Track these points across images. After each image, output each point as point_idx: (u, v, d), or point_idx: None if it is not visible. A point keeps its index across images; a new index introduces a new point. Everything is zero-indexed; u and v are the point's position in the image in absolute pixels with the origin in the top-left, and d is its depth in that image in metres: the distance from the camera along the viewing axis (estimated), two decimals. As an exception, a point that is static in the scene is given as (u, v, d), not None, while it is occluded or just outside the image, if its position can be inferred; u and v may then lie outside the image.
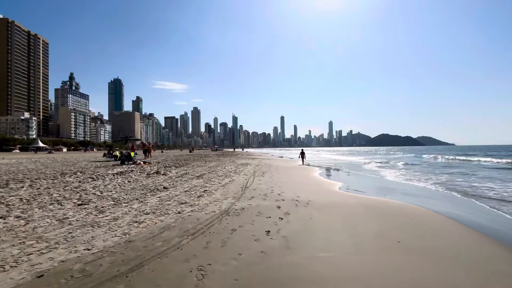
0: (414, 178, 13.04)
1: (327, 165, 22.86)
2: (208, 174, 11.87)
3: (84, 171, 11.39)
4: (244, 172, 13.74)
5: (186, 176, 11.09)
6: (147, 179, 9.58)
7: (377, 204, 6.69)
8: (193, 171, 13.02)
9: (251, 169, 15.72)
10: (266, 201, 6.52)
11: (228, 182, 9.59)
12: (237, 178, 10.86)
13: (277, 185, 9.48)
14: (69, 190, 7.21)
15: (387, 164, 24.38)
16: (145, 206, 5.74)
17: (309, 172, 15.75)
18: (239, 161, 23.77)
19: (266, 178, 11.53)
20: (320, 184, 10.35)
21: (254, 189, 8.35)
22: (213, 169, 14.81)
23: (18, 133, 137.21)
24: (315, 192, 8.24)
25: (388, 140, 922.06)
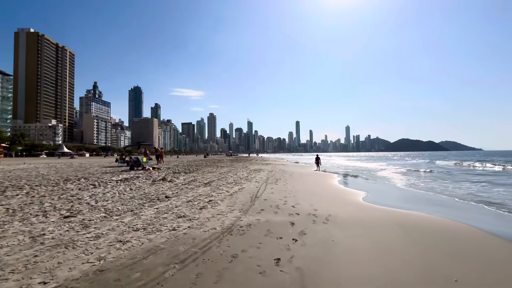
0: (440, 187, 11.54)
1: (344, 172, 21.46)
2: (217, 181, 11.10)
3: (90, 177, 11.01)
4: (256, 179, 12.85)
5: (194, 183, 10.37)
6: (150, 187, 8.95)
7: (414, 221, 5.55)
8: (202, 178, 12.31)
9: (263, 175, 14.80)
10: (278, 216, 5.58)
11: (237, 191, 8.73)
12: (248, 186, 9.99)
13: (291, 194, 8.50)
14: (64, 199, 6.66)
15: (406, 170, 22.52)
16: (138, 219, 5.00)
17: (326, 179, 14.58)
18: (252, 166, 22.93)
19: (279, 186, 10.57)
20: (340, 194, 9.24)
21: (265, 199, 7.43)
22: (224, 175, 14.05)
23: (45, 139, 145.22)
24: (335, 204, 7.18)
25: (409, 145, 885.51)
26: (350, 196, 8.73)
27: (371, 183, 13.45)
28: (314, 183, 12.47)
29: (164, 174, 12.69)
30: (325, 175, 17.60)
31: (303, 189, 9.85)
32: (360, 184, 12.94)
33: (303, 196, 8.19)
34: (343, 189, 10.75)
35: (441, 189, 11.16)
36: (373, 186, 12.43)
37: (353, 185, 12.05)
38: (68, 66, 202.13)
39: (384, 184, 13.07)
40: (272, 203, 6.85)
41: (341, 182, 13.37)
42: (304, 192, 9.10)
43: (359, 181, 14.59)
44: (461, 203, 8.07)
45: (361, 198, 8.48)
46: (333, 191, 10.05)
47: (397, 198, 9.04)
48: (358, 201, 7.97)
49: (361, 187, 11.36)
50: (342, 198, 8.37)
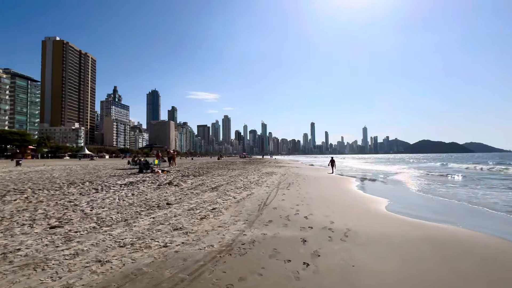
0: (467, 193, 10.22)
1: (362, 175, 20.21)
2: (225, 186, 10.49)
3: (95, 180, 10.77)
4: (267, 183, 12.13)
5: (200, 187, 9.83)
6: (154, 192, 8.48)
7: (450, 237, 4.62)
8: (211, 181, 11.76)
9: (275, 179, 14.05)
10: (288, 229, 4.85)
11: (245, 197, 8.06)
12: (257, 192, 9.29)
13: (304, 202, 7.71)
14: (60, 205, 6.29)
15: (426, 173, 20.82)
16: (129, 231, 4.45)
17: (343, 183, 13.58)
18: (264, 169, 22.21)
19: (291, 191, 9.79)
20: (358, 202, 8.32)
21: (274, 207, 6.71)
22: (234, 178, 13.44)
23: (69, 142, 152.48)
24: (354, 215, 6.32)
25: (430, 146, 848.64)
26: (370, 204, 7.80)
27: (392, 188, 12.30)
28: (330, 188, 11.56)
29: (172, 178, 12.28)
30: (342, 179, 16.55)
31: (317, 196, 9.01)
32: (379, 190, 11.86)
33: (317, 204, 7.38)
34: (361, 195, 9.78)
35: (468, 196, 9.88)
36: (394, 191, 11.32)
37: (373, 191, 11.02)
38: (90, 71, 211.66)
39: (406, 189, 11.90)
40: (282, 213, 6.12)
41: (359, 187, 12.34)
42: (319, 199, 8.27)
43: (378, 186, 13.46)
44: (499, 215, 6.91)
45: (384, 207, 7.54)
46: (351, 198, 9.13)
47: (424, 206, 7.98)
48: (380, 210, 7.05)
49: (382, 193, 10.32)
50: (362, 206, 7.47)
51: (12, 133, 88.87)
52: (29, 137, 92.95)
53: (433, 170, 26.19)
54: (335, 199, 8.63)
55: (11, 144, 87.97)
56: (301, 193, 9.48)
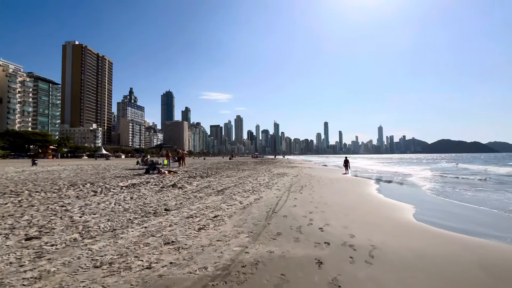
0: (499, 199, 8.92)
1: (378, 176, 18.93)
2: (233, 188, 9.78)
3: (98, 181, 10.37)
4: (278, 185, 11.32)
5: (206, 190, 9.17)
6: (155, 195, 7.89)
7: (500, 256, 3.66)
8: (218, 183, 11.10)
9: (287, 181, 13.20)
10: (299, 245, 4.04)
11: (253, 202, 7.31)
12: (266, 195, 8.51)
13: (318, 208, 6.86)
14: (50, 210, 5.80)
15: (448, 176, 19.14)
16: (113, 245, 3.81)
17: (360, 186, 12.53)
18: (276, 170, 21.37)
19: (304, 195, 8.94)
20: (380, 208, 7.35)
21: (284, 215, 5.91)
22: (243, 180, 12.73)
23: (87, 142, 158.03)
24: (379, 225, 5.42)
25: (450, 146, 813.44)
26: (394, 212, 6.83)
27: (414, 192, 11.10)
28: (346, 191, 10.59)
29: (178, 179, 11.72)
30: (358, 181, 15.44)
31: (333, 201, 8.11)
32: (401, 194, 10.72)
33: (333, 212, 6.50)
34: (382, 200, 8.77)
35: (502, 202, 8.61)
36: (418, 196, 10.16)
37: (393, 195, 9.94)
38: (107, 74, 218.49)
39: (430, 193, 10.70)
40: (293, 223, 5.31)
41: (378, 190, 11.25)
42: (335, 205, 7.38)
43: (398, 189, 12.30)
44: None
45: (411, 215, 6.55)
46: (371, 203, 8.16)
47: (457, 215, 6.89)
48: (408, 220, 6.08)
49: (404, 198, 9.24)
50: (385, 214, 6.52)
51: (34, 133, 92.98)
52: (50, 138, 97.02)
53: (453, 172, 24.34)
54: (354, 204, 7.70)
55: (34, 144, 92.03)
56: (315, 197, 8.61)
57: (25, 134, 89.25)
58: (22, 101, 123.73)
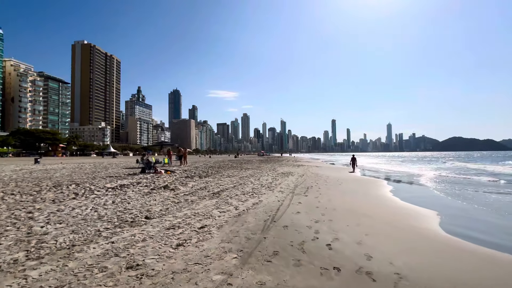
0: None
1: (386, 175, 17.71)
2: (231, 190, 8.88)
3: (85, 182, 9.62)
4: (281, 186, 10.36)
5: (200, 192, 8.29)
6: (141, 199, 7.06)
7: None
8: (216, 184, 10.22)
9: (292, 181, 12.22)
10: (300, 272, 3.09)
11: (250, 207, 6.39)
12: (267, 199, 7.57)
13: (326, 215, 5.88)
14: (13, 218, 5.00)
15: (461, 177, 17.71)
16: (58, 272, 2.94)
17: (372, 187, 11.45)
18: (281, 169, 20.38)
19: (309, 198, 7.96)
20: (398, 215, 6.31)
21: (285, 226, 4.96)
22: (244, 180, 11.82)
23: (96, 140, 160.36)
24: (400, 239, 4.41)
25: (462, 144, 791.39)
26: (418, 221, 5.79)
27: (434, 196, 9.91)
28: (357, 193, 9.54)
29: (173, 179, 10.89)
30: (368, 181, 14.33)
31: (342, 205, 7.11)
32: (420, 197, 9.56)
33: (343, 220, 5.51)
34: (400, 205, 7.70)
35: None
36: (439, 200, 9.00)
37: (412, 198, 8.83)
38: (115, 73, 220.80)
39: (451, 197, 9.53)
40: (294, 236, 4.35)
41: (393, 192, 10.16)
42: (345, 211, 6.38)
43: (416, 191, 11.13)
44: None
45: (437, 225, 5.51)
46: (386, 209, 7.12)
47: (490, 225, 5.79)
48: (435, 232, 5.04)
49: (425, 202, 8.13)
50: (407, 224, 5.49)
51: (44, 132, 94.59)
52: (59, 136, 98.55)
53: (468, 172, 22.80)
54: (366, 210, 6.68)
55: (44, 142, 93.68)
56: (322, 201, 7.62)
57: (36, 132, 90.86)
58: (33, 100, 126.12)
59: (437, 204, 7.98)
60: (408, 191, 10.91)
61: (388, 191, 10.36)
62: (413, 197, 9.19)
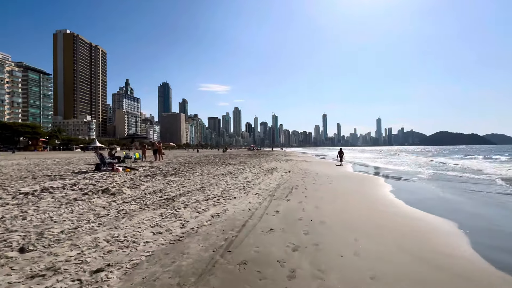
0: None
1: (375, 170, 16.19)
2: (193, 194, 6.95)
3: (11, 184, 7.49)
4: (261, 186, 8.51)
5: (150, 198, 6.34)
6: (56, 209, 5.04)
7: None
8: (179, 185, 8.26)
9: (275, 180, 10.39)
10: None
11: (205, 223, 4.50)
12: (235, 207, 5.70)
13: (310, 234, 4.07)
14: None
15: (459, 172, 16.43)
16: None
17: (368, 186, 9.74)
18: (267, 164, 18.56)
19: (292, 204, 6.14)
20: (415, 232, 4.56)
21: (243, 262, 3.09)
22: (217, 179, 9.91)
23: (81, 134, 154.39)
24: (427, 283, 2.64)
25: (448, 138, 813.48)
26: (441, 240, 4.04)
27: (443, 197, 8.25)
28: (351, 195, 7.79)
29: (127, 179, 8.83)
30: (363, 178, 12.67)
31: (334, 216, 5.31)
32: (427, 199, 7.86)
33: (336, 245, 3.70)
34: (408, 212, 5.96)
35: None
36: (452, 204, 7.32)
37: (419, 202, 7.15)
38: (100, 64, 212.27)
39: (465, 198, 7.93)
40: (257, 283, 2.51)
41: (394, 193, 8.46)
42: (338, 227, 4.58)
43: (420, 191, 9.43)
44: None
45: (470, 247, 3.79)
46: (394, 219, 5.37)
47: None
48: (473, 264, 3.30)
49: (436, 207, 6.46)
50: (430, 248, 3.72)
51: (23, 125, 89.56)
52: (40, 130, 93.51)
53: (458, 169, 21.62)
54: (366, 223, 4.90)
55: (23, 136, 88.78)
56: (307, 208, 5.81)
57: (13, 126, 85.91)
58: (11, 92, 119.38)
59: (451, 210, 6.30)
60: (410, 191, 9.22)
61: (388, 192, 8.67)
62: (419, 200, 7.51)
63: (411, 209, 6.27)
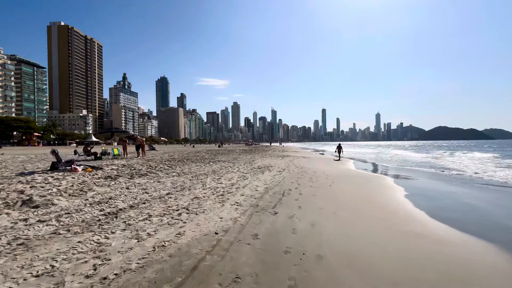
0: None
1: (383, 167, 14.55)
2: (151, 204, 5.29)
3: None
4: (244, 191, 6.84)
5: (87, 210, 4.66)
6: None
7: None
8: (140, 191, 6.58)
9: (265, 181, 8.70)
10: None
11: (134, 264, 2.84)
12: (196, 229, 4.02)
13: (303, 278, 2.43)
14: None
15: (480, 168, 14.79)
16: None
17: (377, 190, 8.05)
18: (260, 161, 16.88)
19: (279, 221, 4.47)
20: (455, 265, 2.93)
21: None
22: (194, 182, 8.22)
23: (77, 129, 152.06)
24: None
25: (446, 133, 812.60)
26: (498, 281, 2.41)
27: (468, 204, 6.65)
28: (358, 204, 6.12)
29: (79, 182, 7.12)
30: (368, 178, 11.00)
31: (337, 242, 3.65)
32: (454, 212, 6.22)
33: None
34: (438, 231, 4.31)
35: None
36: (480, 214, 5.70)
37: (446, 213, 5.51)
38: (96, 57, 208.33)
39: (500, 209, 6.30)
40: None
41: (411, 200, 6.81)
42: (343, 260, 2.92)
43: (438, 196, 7.74)
44: None
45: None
46: (425, 248, 3.72)
47: None
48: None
49: (467, 223, 4.84)
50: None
51: (16, 119, 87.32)
52: (33, 124, 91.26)
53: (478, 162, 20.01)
54: (386, 259, 3.25)
55: (16, 131, 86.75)
56: (300, 227, 4.15)
57: (6, 120, 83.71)
58: (3, 86, 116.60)
59: (489, 228, 4.66)
60: (429, 197, 7.50)
61: (402, 197, 7.01)
62: (442, 209, 5.85)
63: (439, 226, 4.61)
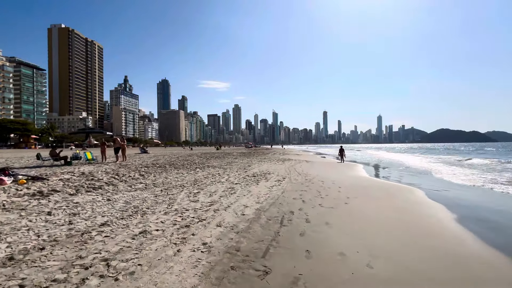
0: None
1: (398, 172, 12.33)
2: (53, 252, 3.18)
3: None
4: (225, 217, 4.70)
5: None
6: None
7: None
8: (61, 219, 4.48)
9: (257, 195, 6.54)
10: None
11: None
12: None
13: None
14: None
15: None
16: None
17: (414, 209, 5.88)
18: (257, 166, 14.70)
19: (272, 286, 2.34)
20: None
21: None
22: (163, 198, 6.09)
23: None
24: None
25: (448, 135, 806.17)
26: None
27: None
28: (395, 238, 3.97)
29: (9, 196, 5.02)
30: (391, 190, 8.75)
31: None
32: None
33: None
34: None
35: None
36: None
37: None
38: (97, 60, 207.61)
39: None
40: None
41: (462, 223, 4.66)
42: None
43: (499, 222, 5.60)
44: None
45: None
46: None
47: None
48: None
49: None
50: None
51: (13, 122, 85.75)
52: (31, 126, 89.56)
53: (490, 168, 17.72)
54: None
55: (13, 133, 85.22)
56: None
57: (2, 122, 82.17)
58: (2, 88, 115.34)
59: None
60: (489, 223, 5.32)
61: (452, 222, 4.81)
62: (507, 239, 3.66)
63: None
